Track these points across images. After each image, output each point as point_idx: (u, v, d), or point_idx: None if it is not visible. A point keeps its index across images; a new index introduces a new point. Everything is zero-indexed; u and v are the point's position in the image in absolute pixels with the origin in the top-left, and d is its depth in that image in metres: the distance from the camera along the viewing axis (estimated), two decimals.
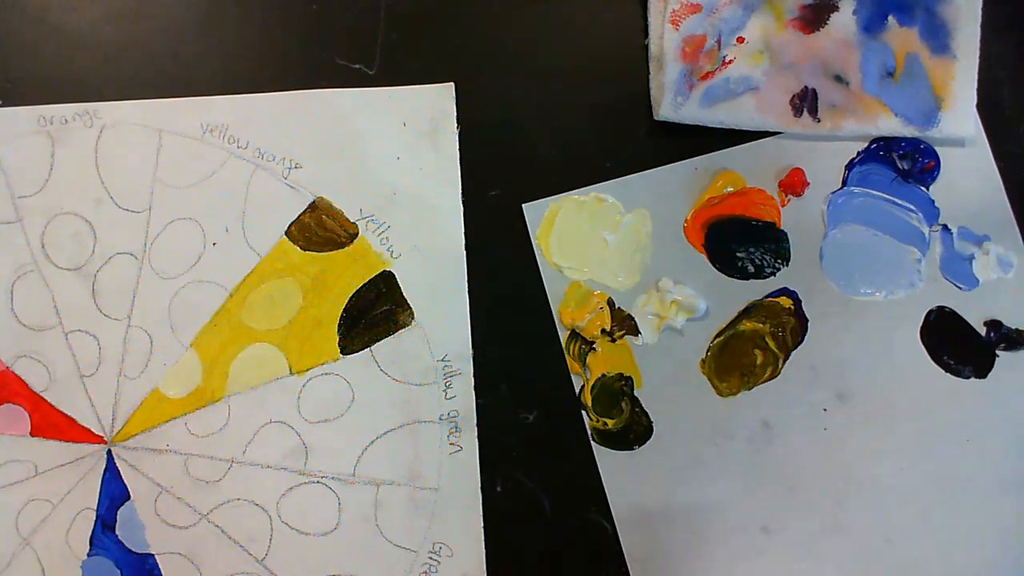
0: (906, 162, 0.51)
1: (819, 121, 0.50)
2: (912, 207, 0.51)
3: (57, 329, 0.48)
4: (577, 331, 0.50)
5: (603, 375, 0.50)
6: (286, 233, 0.49)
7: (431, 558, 0.48)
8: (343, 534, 0.48)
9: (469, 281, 0.50)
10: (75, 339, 0.48)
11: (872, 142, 0.51)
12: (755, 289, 0.50)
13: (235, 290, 0.49)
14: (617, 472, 0.49)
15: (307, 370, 0.49)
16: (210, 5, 0.51)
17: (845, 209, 0.51)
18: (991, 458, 0.50)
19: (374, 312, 0.49)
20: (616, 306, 0.50)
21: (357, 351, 0.49)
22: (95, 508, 0.48)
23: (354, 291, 0.49)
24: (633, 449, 0.49)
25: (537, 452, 0.49)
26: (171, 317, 0.49)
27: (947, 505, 0.50)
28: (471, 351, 0.49)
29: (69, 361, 0.48)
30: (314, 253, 0.49)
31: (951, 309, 0.51)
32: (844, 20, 0.50)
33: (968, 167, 0.51)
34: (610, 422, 0.49)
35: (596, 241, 0.50)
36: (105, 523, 0.48)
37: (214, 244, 0.49)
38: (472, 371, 0.49)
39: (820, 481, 0.50)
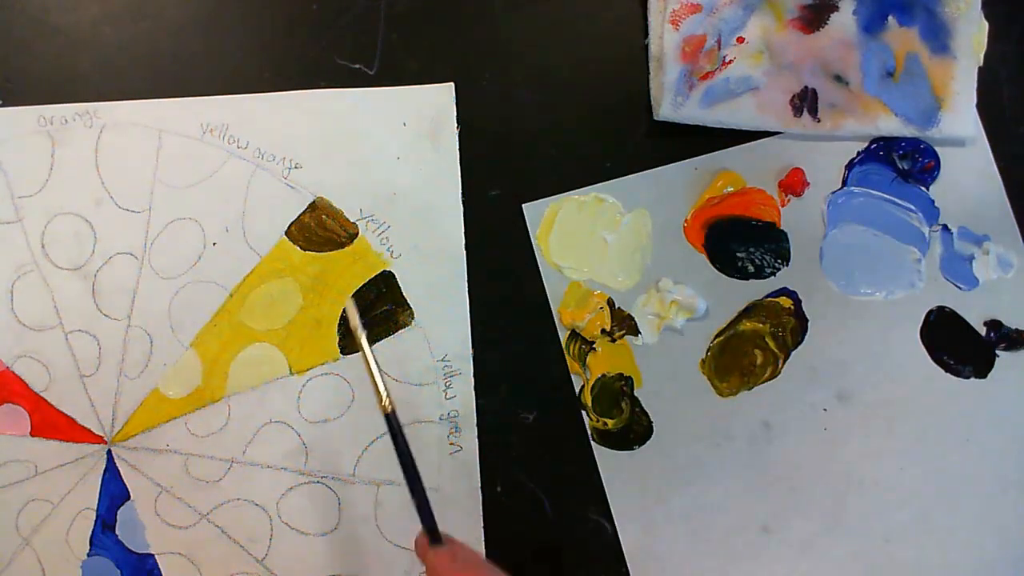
0: (906, 162, 0.51)
1: (819, 121, 0.50)
2: (912, 207, 0.51)
3: (57, 329, 0.48)
4: (577, 331, 0.50)
5: (603, 375, 0.50)
6: (286, 233, 0.49)
7: None
8: (343, 534, 0.48)
9: (469, 281, 0.50)
10: (75, 339, 0.48)
11: (872, 142, 0.51)
12: (755, 289, 0.50)
13: (235, 290, 0.49)
14: (617, 472, 0.49)
15: (307, 370, 0.49)
16: (210, 5, 0.51)
17: (845, 209, 0.51)
18: (991, 458, 0.50)
19: (374, 312, 0.49)
20: (616, 306, 0.50)
21: (357, 351, 0.49)
22: (95, 508, 0.48)
23: (354, 291, 0.49)
24: (633, 449, 0.49)
25: (537, 452, 0.49)
26: (171, 317, 0.49)
27: (947, 505, 0.50)
28: (471, 351, 0.49)
29: (69, 361, 0.48)
30: (314, 253, 0.49)
31: (951, 309, 0.51)
32: (844, 20, 0.50)
33: (968, 167, 0.51)
34: (610, 422, 0.49)
35: (596, 241, 0.50)
36: (105, 523, 0.48)
37: (214, 244, 0.49)
38: (472, 371, 0.49)
39: (820, 481, 0.50)
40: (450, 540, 0.39)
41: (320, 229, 0.49)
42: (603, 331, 0.50)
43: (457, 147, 0.50)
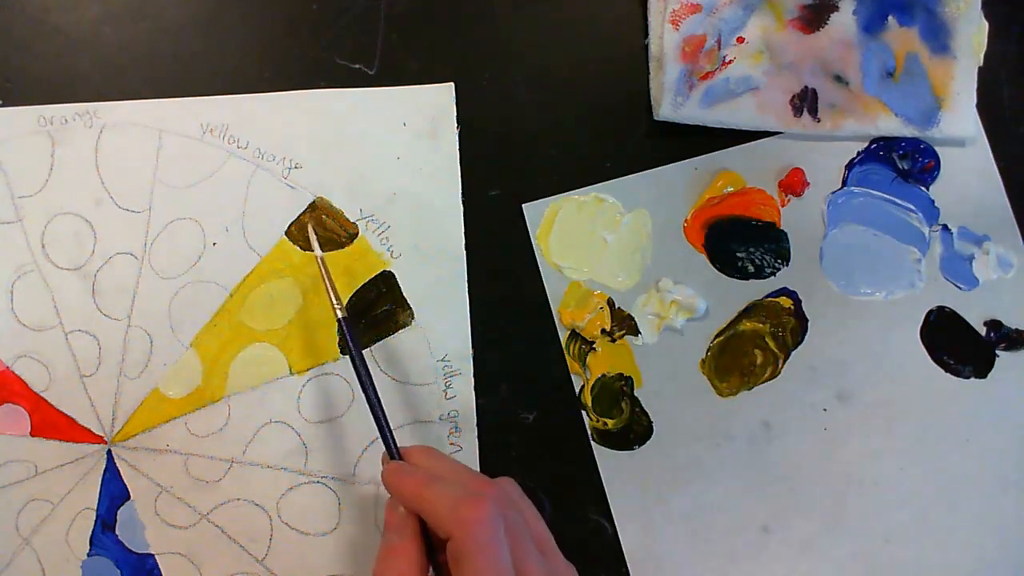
0: (906, 162, 0.51)
1: (819, 121, 0.50)
2: (912, 207, 0.51)
3: (57, 329, 0.48)
4: (577, 331, 0.50)
5: (603, 375, 0.50)
6: (286, 233, 0.49)
7: None
8: (343, 534, 0.48)
9: (469, 281, 0.50)
10: (75, 339, 0.48)
11: (872, 142, 0.51)
12: (755, 289, 0.50)
13: (235, 290, 0.49)
14: (617, 472, 0.49)
15: (307, 370, 0.49)
16: (210, 5, 0.51)
17: (845, 209, 0.51)
18: (991, 458, 0.50)
19: (374, 312, 0.49)
20: (616, 306, 0.50)
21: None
22: (95, 508, 0.48)
23: (354, 291, 0.49)
24: (633, 449, 0.49)
25: (537, 452, 0.49)
26: (171, 317, 0.49)
27: (947, 505, 0.50)
28: (471, 351, 0.49)
29: (69, 361, 0.48)
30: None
31: (951, 309, 0.51)
32: (844, 20, 0.50)
33: (968, 167, 0.51)
34: (610, 422, 0.49)
35: (596, 241, 0.50)
36: (105, 523, 0.48)
37: (214, 244, 0.49)
38: (472, 371, 0.49)
39: (820, 481, 0.50)
40: (412, 454, 0.41)
41: (320, 229, 0.49)
42: (603, 331, 0.50)
43: (457, 147, 0.50)
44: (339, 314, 0.44)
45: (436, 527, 0.37)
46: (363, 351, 0.49)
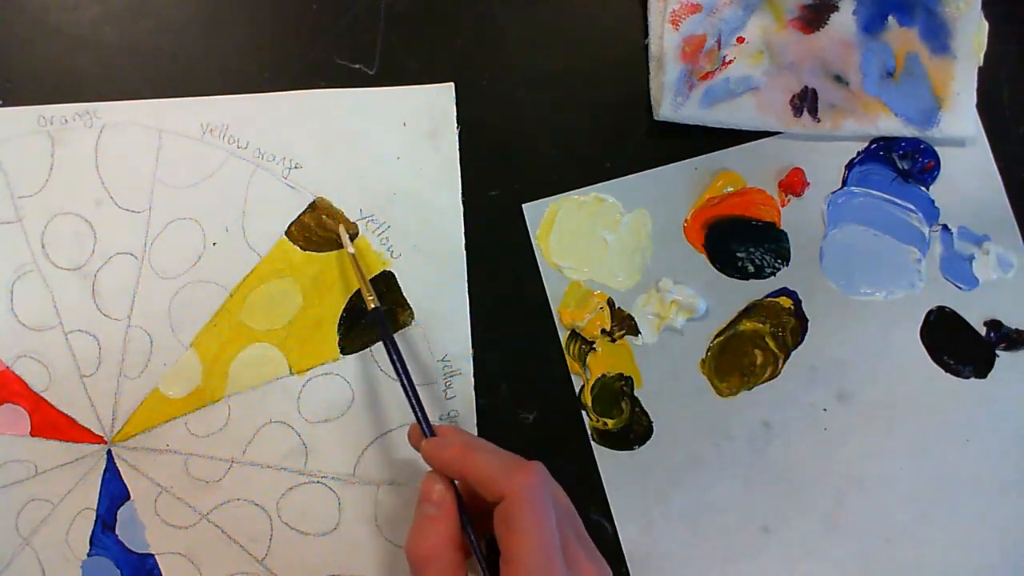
0: (906, 162, 0.51)
1: (819, 121, 0.50)
2: (912, 207, 0.51)
3: (57, 329, 0.48)
4: (577, 331, 0.50)
5: (603, 375, 0.50)
6: (286, 233, 0.49)
7: None
8: (343, 534, 0.48)
9: (469, 281, 0.50)
10: (75, 339, 0.48)
11: (872, 142, 0.51)
12: (755, 289, 0.50)
13: (235, 290, 0.49)
14: (617, 472, 0.49)
15: (307, 370, 0.49)
16: (210, 5, 0.51)
17: (845, 209, 0.51)
18: (991, 458, 0.50)
19: None
20: (616, 306, 0.50)
21: (357, 351, 0.49)
22: (95, 508, 0.48)
23: (354, 291, 0.49)
24: (633, 449, 0.49)
25: (537, 452, 0.49)
26: (171, 317, 0.49)
27: (947, 505, 0.50)
28: (471, 351, 0.49)
29: (69, 361, 0.48)
30: (314, 253, 0.49)
31: (951, 309, 0.51)
32: (844, 20, 0.50)
33: (968, 167, 0.51)
34: (610, 422, 0.49)
35: (596, 241, 0.50)
36: (105, 523, 0.48)
37: (214, 244, 0.49)
38: (472, 371, 0.49)
39: (820, 481, 0.50)
40: (443, 430, 0.42)
41: (320, 229, 0.49)
42: (603, 331, 0.50)
43: (457, 147, 0.50)
44: (372, 304, 0.45)
45: (485, 488, 0.37)
46: (362, 351, 0.49)
